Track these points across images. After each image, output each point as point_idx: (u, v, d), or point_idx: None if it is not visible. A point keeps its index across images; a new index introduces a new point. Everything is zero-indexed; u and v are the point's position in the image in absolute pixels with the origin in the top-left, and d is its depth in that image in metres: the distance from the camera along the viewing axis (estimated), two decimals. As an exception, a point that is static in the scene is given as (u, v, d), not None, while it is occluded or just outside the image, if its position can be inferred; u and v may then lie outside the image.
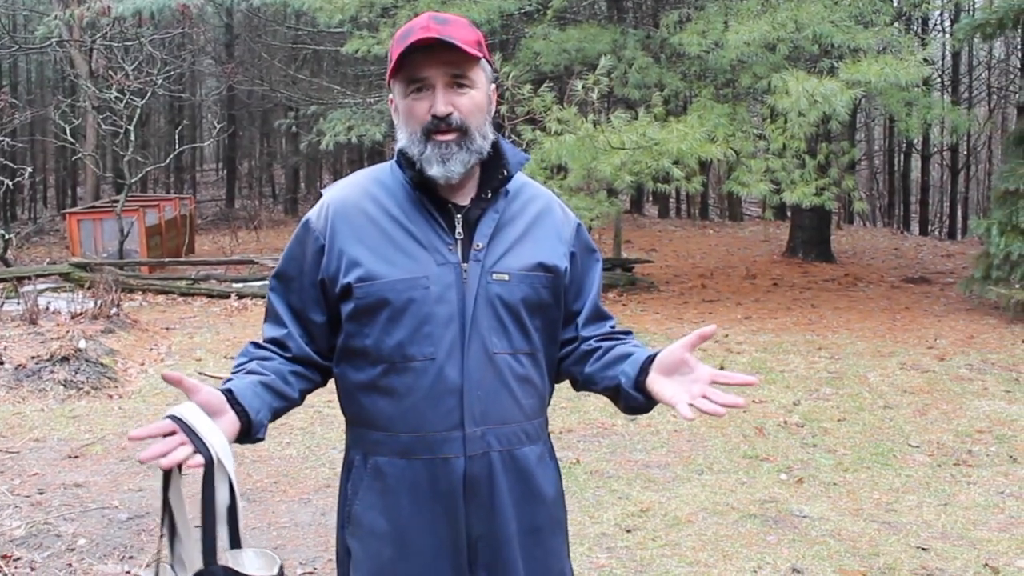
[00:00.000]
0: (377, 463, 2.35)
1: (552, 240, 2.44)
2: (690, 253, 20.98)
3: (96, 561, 5.17)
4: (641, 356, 2.34)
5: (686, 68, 14.91)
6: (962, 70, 33.75)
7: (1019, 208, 12.98)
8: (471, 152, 2.30)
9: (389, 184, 2.40)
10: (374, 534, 2.36)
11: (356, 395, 2.37)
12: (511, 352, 2.34)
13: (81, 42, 22.27)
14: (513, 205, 2.43)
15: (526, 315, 2.36)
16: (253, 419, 2.21)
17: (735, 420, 7.95)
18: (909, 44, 13.55)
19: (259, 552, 2.17)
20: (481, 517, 2.33)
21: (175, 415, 2.06)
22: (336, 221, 2.36)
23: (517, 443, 2.36)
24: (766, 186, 12.95)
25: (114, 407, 8.41)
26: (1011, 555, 5.28)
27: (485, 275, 2.32)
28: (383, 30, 16.10)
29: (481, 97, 2.34)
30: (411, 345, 2.28)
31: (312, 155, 32.30)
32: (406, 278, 2.29)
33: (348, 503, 2.41)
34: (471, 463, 2.30)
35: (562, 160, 12.30)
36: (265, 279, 15.90)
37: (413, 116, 2.31)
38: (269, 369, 2.32)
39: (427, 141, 2.28)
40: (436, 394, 2.29)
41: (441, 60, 2.26)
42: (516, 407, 2.36)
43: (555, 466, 2.50)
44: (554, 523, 2.47)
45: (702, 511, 5.92)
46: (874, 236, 26.37)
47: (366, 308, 2.30)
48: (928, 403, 8.53)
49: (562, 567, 2.49)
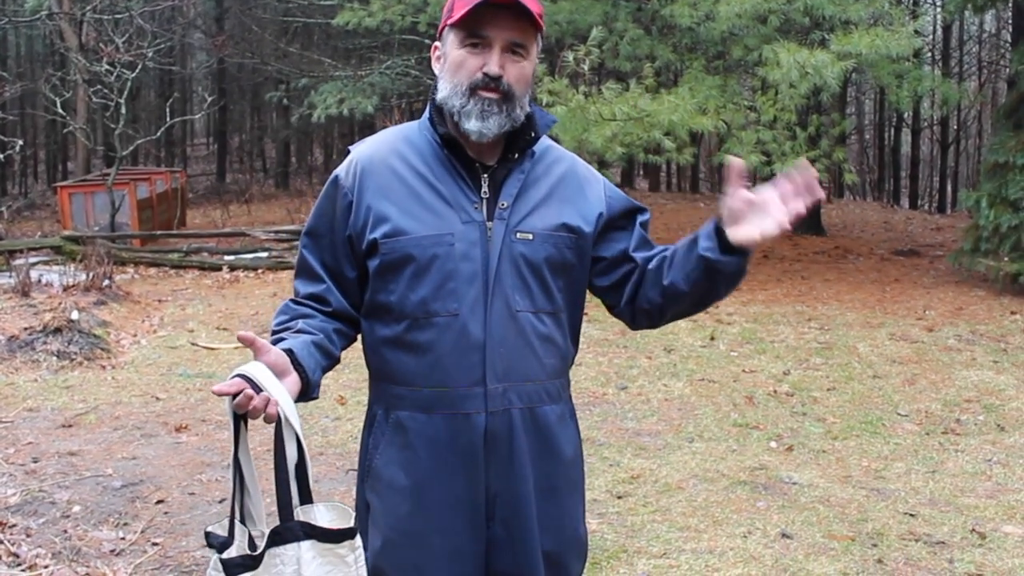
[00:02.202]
0: (399, 417, 2.36)
1: (577, 201, 2.45)
2: (681, 225, 20.96)
3: (91, 528, 5.21)
4: (708, 227, 2.34)
5: (677, 40, 14.88)
6: (953, 44, 33.69)
7: (1008, 181, 13.01)
8: (509, 118, 2.31)
9: (417, 142, 2.41)
10: (393, 488, 2.37)
11: (380, 349, 2.39)
12: (533, 311, 2.35)
13: (71, 15, 22.14)
14: (538, 167, 2.44)
15: (549, 275, 2.37)
16: (311, 379, 2.21)
17: (725, 389, 8.00)
18: (900, 16, 13.53)
19: (330, 506, 2.19)
20: (500, 473, 2.35)
21: (244, 373, 2.06)
22: (364, 177, 2.37)
23: (538, 401, 2.38)
24: (757, 158, 12.94)
25: (107, 377, 8.43)
26: (997, 521, 5.35)
27: (509, 234, 2.33)
28: (374, 2, 16.05)
29: (531, 69, 2.36)
30: (435, 301, 2.30)
31: (303, 128, 32.18)
32: (431, 234, 2.30)
33: (368, 457, 2.43)
34: (492, 419, 2.32)
35: (553, 131, 12.29)
36: (257, 252, 15.91)
37: (463, 69, 2.30)
38: (315, 328, 2.31)
39: (471, 95, 2.29)
40: (459, 350, 2.30)
41: (509, 24, 2.27)
42: (538, 365, 2.37)
43: (575, 427, 2.52)
44: (571, 484, 2.49)
45: (692, 478, 5.98)
46: (864, 210, 26.40)
47: (391, 264, 2.32)
48: (917, 373, 8.58)
49: (576, 527, 2.51)
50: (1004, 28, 33.28)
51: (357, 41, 23.62)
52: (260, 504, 2.16)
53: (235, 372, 2.07)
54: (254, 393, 2.03)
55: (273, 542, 2.11)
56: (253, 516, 2.15)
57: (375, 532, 2.40)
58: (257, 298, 12.61)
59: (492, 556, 2.39)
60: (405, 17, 16.03)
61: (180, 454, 6.47)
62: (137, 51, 19.71)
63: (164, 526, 5.28)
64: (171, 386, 8.18)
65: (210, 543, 2.13)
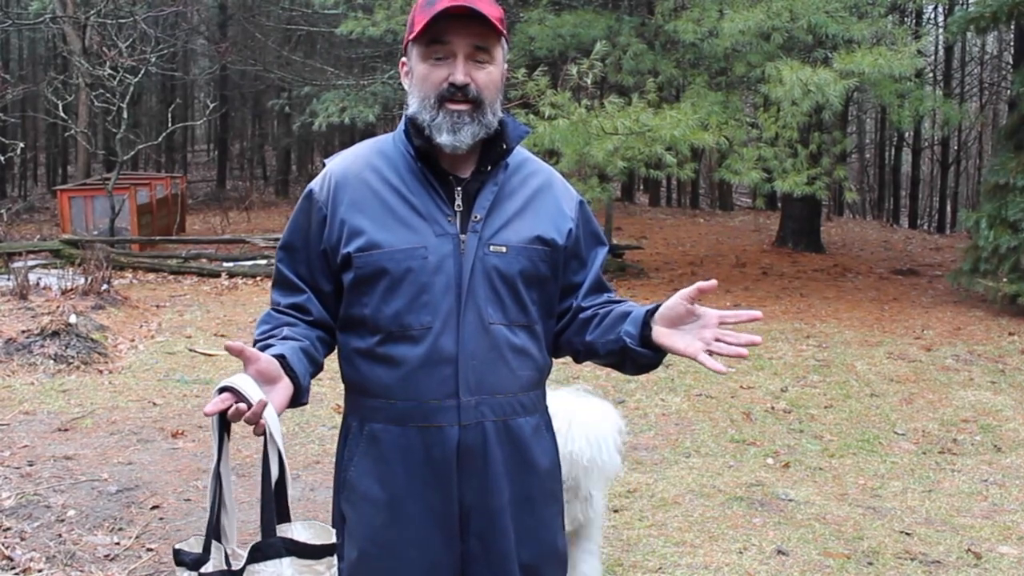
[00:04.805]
0: (373, 430, 2.37)
1: (552, 214, 2.46)
2: (680, 241, 21.01)
3: (85, 532, 5.20)
4: (640, 313, 2.36)
5: (680, 56, 14.91)
6: (955, 65, 33.76)
7: (1008, 202, 13.02)
8: (482, 125, 2.33)
9: (391, 155, 2.42)
10: (368, 500, 2.38)
11: (355, 362, 2.39)
12: (507, 324, 2.36)
13: (75, 18, 22.14)
14: (513, 179, 2.45)
15: (523, 288, 2.38)
16: (302, 384, 2.22)
17: (723, 405, 8.00)
18: (903, 36, 13.56)
19: (307, 524, 2.18)
20: (474, 486, 2.35)
21: (231, 386, 2.06)
22: (338, 191, 2.38)
23: (512, 414, 2.38)
24: (758, 174, 12.97)
25: (104, 382, 8.42)
26: (993, 541, 5.34)
27: (483, 246, 2.33)
28: (378, 12, 16.06)
29: (498, 74, 2.37)
30: (408, 314, 2.31)
31: (304, 136, 32.20)
32: (405, 248, 2.31)
33: (344, 469, 2.43)
34: (465, 432, 2.32)
35: (555, 145, 12.31)
36: (256, 259, 15.90)
37: (429, 81, 2.32)
38: (300, 335, 2.32)
39: (440, 108, 2.30)
40: (432, 363, 2.31)
41: (468, 31, 2.29)
42: (511, 378, 2.37)
43: (551, 439, 2.52)
44: (547, 495, 2.49)
45: (689, 493, 5.97)
46: (863, 228, 26.42)
47: (365, 277, 2.33)
48: (914, 392, 8.58)
49: (554, 539, 2.50)
50: (1006, 50, 33.36)
51: (360, 50, 23.62)
52: (235, 521, 2.16)
53: (222, 384, 2.07)
54: (245, 408, 2.04)
55: (253, 558, 2.09)
56: (227, 533, 2.14)
57: (351, 544, 2.40)
58: (255, 305, 12.59)
59: (468, 569, 2.39)
60: (408, 27, 16.03)
61: (176, 460, 6.46)
62: (140, 56, 19.72)
63: (159, 532, 5.27)
64: (168, 392, 8.17)
65: (180, 561, 2.10)
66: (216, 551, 2.10)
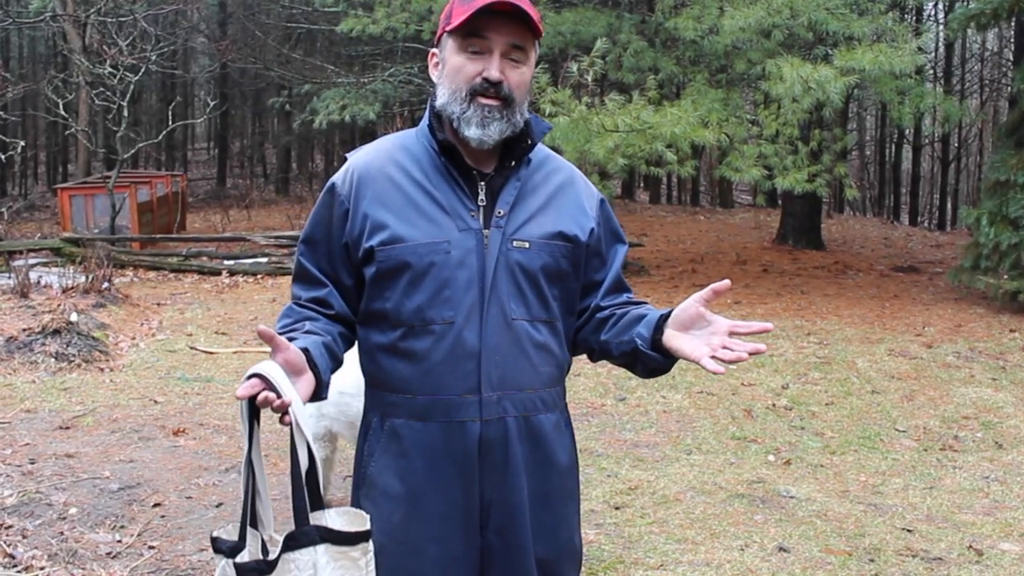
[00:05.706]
0: (394, 425, 2.37)
1: (573, 211, 2.46)
2: (680, 238, 20.99)
3: (87, 530, 5.20)
4: (654, 316, 2.35)
5: (681, 53, 14.89)
6: (955, 62, 33.74)
7: (1009, 199, 13.01)
8: (510, 124, 2.32)
9: (413, 149, 2.42)
10: (387, 496, 2.38)
11: (376, 357, 2.39)
12: (529, 319, 2.36)
13: (75, 17, 22.14)
14: (536, 175, 2.45)
15: (545, 283, 2.38)
16: (323, 379, 2.22)
17: (724, 402, 8.00)
18: (903, 33, 13.54)
19: (341, 511, 2.18)
20: (494, 482, 2.35)
21: (260, 372, 2.05)
22: (360, 186, 2.37)
23: (533, 410, 2.38)
24: (759, 171, 12.96)
25: (105, 380, 8.42)
26: (995, 538, 5.34)
27: (506, 242, 2.33)
28: (378, 10, 16.06)
29: (529, 75, 2.37)
30: (430, 309, 2.30)
31: (304, 135, 32.17)
32: (427, 242, 2.30)
33: (364, 464, 2.43)
34: (487, 427, 2.32)
35: (555, 142, 12.30)
36: (256, 257, 15.89)
37: (462, 74, 2.31)
38: (322, 330, 2.32)
39: (471, 102, 2.30)
40: (454, 358, 2.30)
41: (508, 28, 2.28)
42: (533, 374, 2.37)
43: (571, 436, 2.52)
44: (566, 492, 2.49)
45: (690, 490, 5.97)
46: (864, 225, 26.40)
47: (387, 271, 2.32)
48: (915, 389, 8.58)
49: (571, 536, 2.51)
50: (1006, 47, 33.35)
51: (360, 48, 23.59)
52: (269, 508, 2.16)
53: (251, 371, 2.06)
54: (274, 397, 2.03)
55: (288, 547, 2.10)
56: (263, 520, 2.14)
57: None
58: (256, 303, 12.60)
59: (486, 564, 2.39)
60: (409, 25, 16.03)
61: (177, 458, 6.46)
62: (140, 54, 19.71)
63: (161, 530, 5.27)
64: (169, 389, 8.18)
65: (218, 548, 2.11)
66: (252, 538, 2.11)
